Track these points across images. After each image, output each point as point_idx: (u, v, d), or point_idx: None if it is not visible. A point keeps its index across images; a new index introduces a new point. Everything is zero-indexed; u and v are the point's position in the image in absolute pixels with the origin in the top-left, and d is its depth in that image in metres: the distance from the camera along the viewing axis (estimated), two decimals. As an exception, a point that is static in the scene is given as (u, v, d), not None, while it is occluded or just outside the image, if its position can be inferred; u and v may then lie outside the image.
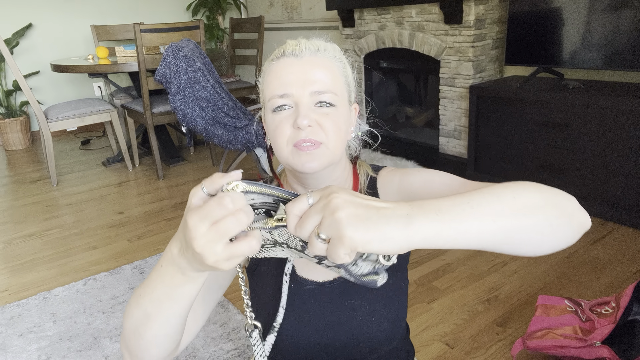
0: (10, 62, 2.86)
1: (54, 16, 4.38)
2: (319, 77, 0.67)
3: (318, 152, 0.67)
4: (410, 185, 0.73)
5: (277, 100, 0.68)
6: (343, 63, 0.73)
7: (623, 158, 2.06)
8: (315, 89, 0.67)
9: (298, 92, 0.67)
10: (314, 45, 0.70)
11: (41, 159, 3.84)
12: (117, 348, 1.56)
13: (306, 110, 0.66)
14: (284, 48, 0.70)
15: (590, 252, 1.93)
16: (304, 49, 0.69)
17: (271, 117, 0.69)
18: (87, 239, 2.37)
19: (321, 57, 0.70)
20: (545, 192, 0.52)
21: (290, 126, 0.67)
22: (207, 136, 2.34)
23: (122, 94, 3.67)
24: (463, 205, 0.46)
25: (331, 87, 0.68)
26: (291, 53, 0.69)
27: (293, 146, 0.67)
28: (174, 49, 2.38)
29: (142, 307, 0.57)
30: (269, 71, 0.71)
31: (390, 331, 0.76)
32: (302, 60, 0.68)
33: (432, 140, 3.16)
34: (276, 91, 0.68)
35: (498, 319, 1.58)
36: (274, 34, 4.75)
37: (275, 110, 0.68)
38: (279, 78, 0.68)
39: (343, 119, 0.70)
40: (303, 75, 0.67)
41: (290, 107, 0.68)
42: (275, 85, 0.68)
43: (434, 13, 2.78)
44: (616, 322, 1.26)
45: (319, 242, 0.43)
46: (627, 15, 2.07)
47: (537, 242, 0.50)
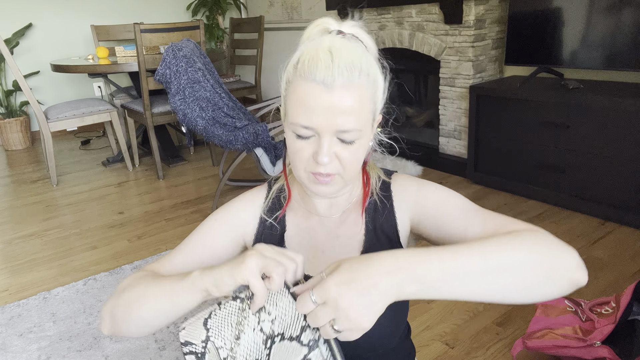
0: (10, 62, 2.86)
1: (54, 16, 4.38)
2: (346, 114, 0.63)
3: (333, 181, 0.69)
4: (426, 200, 0.74)
5: (301, 129, 0.65)
6: (376, 84, 0.67)
7: (623, 158, 2.06)
8: (341, 127, 0.64)
9: (323, 127, 0.64)
10: (348, 67, 0.62)
11: (41, 159, 3.84)
12: (117, 348, 1.56)
13: (328, 145, 0.65)
14: (315, 65, 0.62)
15: (590, 252, 1.93)
16: (337, 76, 0.62)
17: (292, 138, 0.68)
18: (87, 239, 2.37)
19: (354, 86, 0.63)
20: (542, 252, 0.55)
21: (310, 155, 0.67)
22: (207, 136, 2.34)
23: (122, 94, 3.67)
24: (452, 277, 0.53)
25: (357, 124, 0.65)
26: (322, 81, 0.62)
27: (310, 173, 0.68)
28: (174, 49, 2.39)
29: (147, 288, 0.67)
30: (294, 87, 0.65)
31: (391, 330, 0.76)
32: (333, 93, 0.62)
33: (432, 140, 3.16)
34: (300, 120, 0.65)
35: (498, 319, 1.58)
36: (274, 34, 4.76)
37: (298, 136, 0.67)
38: (305, 106, 0.64)
39: (363, 147, 0.69)
40: (331, 112, 0.63)
41: (312, 135, 0.66)
42: (300, 112, 0.64)
43: (434, 13, 2.78)
44: (616, 322, 1.26)
45: (333, 332, 0.53)
46: (627, 15, 2.07)
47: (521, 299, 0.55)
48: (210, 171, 3.30)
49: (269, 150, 2.31)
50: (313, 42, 0.66)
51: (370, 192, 0.79)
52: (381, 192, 0.79)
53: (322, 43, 0.64)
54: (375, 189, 0.79)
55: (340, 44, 0.64)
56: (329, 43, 0.64)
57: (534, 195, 2.43)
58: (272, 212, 0.81)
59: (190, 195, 2.88)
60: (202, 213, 2.59)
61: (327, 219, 0.79)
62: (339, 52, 0.63)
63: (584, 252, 1.94)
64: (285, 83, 0.68)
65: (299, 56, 0.66)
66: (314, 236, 0.79)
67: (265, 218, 0.80)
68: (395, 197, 0.78)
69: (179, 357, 1.49)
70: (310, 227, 0.80)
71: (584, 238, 2.04)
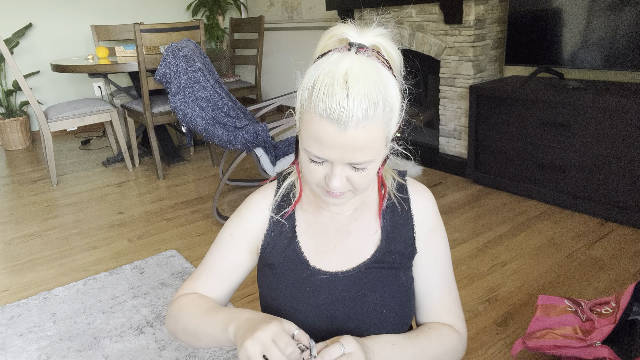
0: (10, 62, 2.86)
1: (54, 16, 4.38)
2: (359, 151, 0.64)
3: (345, 198, 0.72)
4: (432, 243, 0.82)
5: (314, 157, 0.67)
6: (392, 112, 0.65)
7: (623, 158, 2.06)
8: (353, 161, 0.65)
9: (335, 159, 0.65)
10: (363, 103, 0.60)
11: (41, 159, 3.84)
12: (117, 348, 1.56)
13: (340, 174, 0.67)
14: (329, 102, 0.61)
15: (590, 252, 1.93)
16: (350, 117, 0.60)
17: (305, 159, 0.69)
18: (87, 239, 2.37)
19: (369, 121, 0.62)
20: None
21: (322, 176, 0.69)
22: (207, 136, 2.34)
23: (122, 94, 3.67)
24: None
25: (369, 157, 0.65)
26: (337, 120, 0.61)
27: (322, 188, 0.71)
28: (174, 49, 2.38)
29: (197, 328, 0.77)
30: (309, 116, 0.64)
31: (398, 324, 0.77)
32: (347, 132, 0.62)
33: (432, 140, 3.16)
34: (314, 151, 0.65)
35: (498, 319, 1.58)
36: (274, 34, 4.76)
37: (311, 160, 0.68)
38: (319, 141, 0.64)
39: (375, 169, 0.70)
40: (343, 149, 0.63)
41: (325, 161, 0.67)
42: (314, 145, 0.65)
43: (434, 13, 2.78)
44: (616, 322, 1.26)
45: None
46: (627, 15, 2.07)
47: None
48: (210, 171, 3.30)
49: (269, 150, 2.31)
50: (329, 65, 0.62)
51: (387, 193, 0.81)
52: (398, 193, 0.82)
53: (338, 69, 0.61)
54: (392, 191, 0.81)
55: (358, 70, 0.61)
56: (346, 68, 0.61)
57: (534, 195, 2.43)
58: (282, 209, 0.82)
59: (190, 195, 2.88)
60: (202, 213, 2.59)
61: (339, 215, 0.81)
62: (355, 84, 0.60)
63: (584, 252, 1.94)
64: (299, 105, 0.67)
65: (314, 80, 0.63)
66: (325, 232, 0.80)
67: (274, 216, 0.82)
68: (413, 202, 0.82)
69: (178, 357, 1.49)
70: (321, 223, 0.81)
71: (584, 238, 2.04)
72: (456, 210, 2.41)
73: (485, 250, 2.01)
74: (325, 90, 0.61)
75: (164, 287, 1.89)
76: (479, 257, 1.96)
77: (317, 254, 0.79)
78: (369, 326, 0.75)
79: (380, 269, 0.77)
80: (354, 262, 0.78)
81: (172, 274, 1.98)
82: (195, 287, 0.84)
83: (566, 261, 1.88)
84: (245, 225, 0.83)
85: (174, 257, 2.12)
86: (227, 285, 0.84)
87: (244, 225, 0.83)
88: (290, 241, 0.80)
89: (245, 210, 0.84)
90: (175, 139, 4.08)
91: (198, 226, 2.44)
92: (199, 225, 2.45)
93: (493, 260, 1.92)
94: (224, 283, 0.84)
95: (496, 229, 2.18)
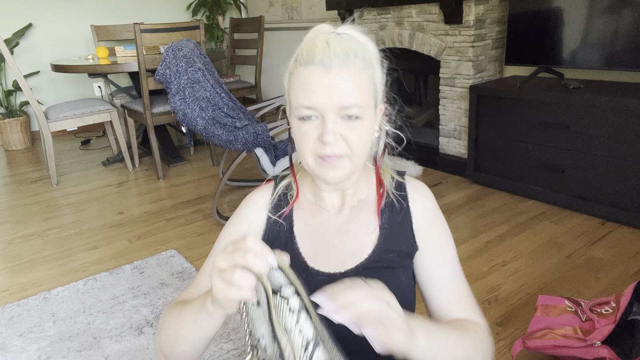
0: (10, 62, 2.86)
1: (54, 16, 4.38)
2: (346, 91, 0.67)
3: (341, 164, 0.70)
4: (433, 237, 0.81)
5: (304, 110, 0.68)
6: (373, 67, 0.71)
7: (623, 158, 2.06)
8: (342, 104, 0.67)
9: (325, 105, 0.67)
10: (344, 50, 0.67)
11: (41, 159, 3.84)
12: (117, 348, 1.56)
13: (332, 125, 0.67)
14: (313, 52, 0.67)
15: (590, 252, 1.93)
16: (333, 57, 0.66)
17: (297, 125, 0.70)
18: (87, 239, 2.37)
19: (351, 67, 0.67)
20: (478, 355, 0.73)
21: (315, 138, 0.69)
22: (207, 136, 2.34)
23: (122, 94, 3.67)
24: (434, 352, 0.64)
25: (358, 100, 0.68)
26: (320, 62, 0.66)
27: (318, 157, 0.69)
28: (174, 49, 2.38)
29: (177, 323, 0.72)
30: (296, 75, 0.69)
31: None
32: (331, 72, 0.66)
33: (432, 140, 3.16)
34: (303, 101, 0.68)
35: (498, 319, 1.58)
36: (274, 34, 4.75)
37: (302, 119, 0.69)
38: (306, 88, 0.67)
39: (368, 130, 0.71)
40: (330, 89, 0.66)
41: (316, 117, 0.68)
42: (302, 95, 0.68)
43: (434, 13, 2.78)
44: (616, 322, 1.26)
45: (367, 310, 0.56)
46: (627, 15, 2.07)
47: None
48: (210, 171, 3.30)
49: (269, 150, 2.31)
50: (309, 36, 0.71)
51: (386, 191, 0.80)
52: (397, 191, 0.81)
53: (318, 37, 0.69)
54: (391, 189, 0.81)
55: (336, 37, 0.69)
56: (325, 37, 0.69)
57: (534, 195, 2.43)
58: (279, 210, 0.82)
59: (190, 195, 2.88)
60: (202, 213, 2.59)
61: (337, 215, 0.80)
62: (334, 41, 0.68)
63: (584, 252, 1.94)
64: (287, 77, 0.72)
65: (298, 51, 0.70)
66: (324, 231, 0.80)
67: (271, 216, 0.81)
68: (411, 199, 0.81)
69: (179, 357, 1.49)
70: (319, 222, 0.81)
71: (584, 238, 2.04)
72: (456, 210, 2.41)
73: (485, 250, 2.01)
74: (308, 49, 0.68)
75: (164, 287, 1.89)
76: (479, 257, 1.96)
77: (315, 255, 0.79)
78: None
79: (379, 269, 0.77)
80: (352, 262, 0.78)
81: (172, 274, 1.98)
82: (192, 292, 0.82)
83: (566, 261, 1.88)
84: (244, 224, 0.83)
85: (174, 257, 2.12)
86: None
87: (243, 224, 0.83)
88: (288, 241, 0.80)
89: (244, 209, 0.84)
90: (175, 139, 4.08)
91: (198, 226, 2.44)
92: (199, 225, 2.45)
93: (493, 260, 1.92)
94: None
95: (496, 229, 2.18)
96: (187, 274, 1.97)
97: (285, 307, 0.57)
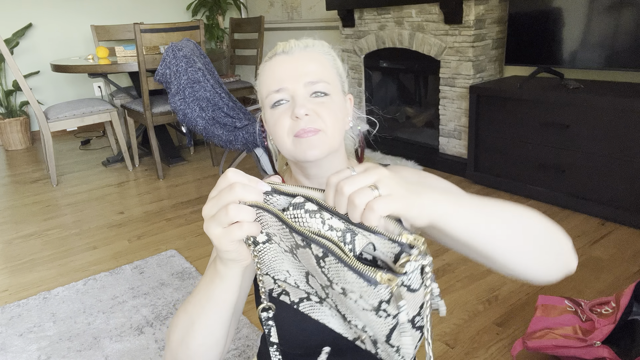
0: (10, 62, 2.86)
1: (54, 16, 4.38)
2: (310, 69, 0.71)
3: (318, 139, 0.70)
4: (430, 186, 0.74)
5: (274, 95, 0.71)
6: (332, 56, 0.77)
7: (623, 158, 2.06)
8: (308, 79, 0.70)
9: (292, 85, 0.70)
10: (302, 42, 0.75)
11: (41, 159, 3.84)
12: (117, 348, 1.56)
13: (302, 100, 0.69)
14: (275, 49, 0.75)
15: (590, 252, 1.93)
16: (293, 46, 0.73)
17: (270, 113, 0.72)
18: (87, 239, 2.37)
19: (310, 51, 0.74)
20: (549, 225, 0.60)
21: (288, 118, 0.70)
22: (207, 136, 2.34)
23: (122, 94, 3.67)
24: (480, 214, 0.54)
25: (323, 77, 0.71)
26: (282, 51, 0.73)
27: (294, 136, 0.70)
28: (174, 49, 2.39)
29: (188, 312, 0.63)
30: (263, 71, 0.75)
31: None
32: (293, 56, 0.72)
33: (432, 140, 3.16)
34: (272, 87, 0.71)
35: (498, 319, 1.58)
36: (274, 34, 4.75)
37: (273, 105, 0.71)
38: (273, 75, 0.72)
39: (339, 107, 0.73)
40: (295, 69, 0.71)
41: (287, 100, 0.71)
42: (270, 82, 0.72)
43: (434, 13, 2.78)
44: (616, 322, 1.26)
45: (369, 192, 0.46)
46: (627, 15, 2.07)
47: (521, 262, 0.56)
48: (210, 171, 3.30)
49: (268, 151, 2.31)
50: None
51: None
52: None
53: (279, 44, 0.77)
54: None
55: (296, 39, 0.76)
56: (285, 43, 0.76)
57: (534, 195, 2.43)
58: None
59: (190, 195, 2.88)
60: (202, 213, 2.59)
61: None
62: (294, 40, 0.75)
63: (584, 252, 1.94)
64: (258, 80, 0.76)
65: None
66: None
67: None
68: None
69: (179, 357, 1.49)
70: None
71: (584, 238, 2.04)
72: (456, 210, 2.41)
73: (485, 250, 2.01)
74: (270, 51, 0.76)
75: (164, 287, 1.89)
76: (479, 257, 1.96)
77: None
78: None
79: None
80: None
81: (172, 274, 1.98)
82: None
83: (566, 261, 1.88)
84: None
85: (174, 257, 2.12)
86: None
87: None
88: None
89: None
90: (175, 139, 4.08)
91: (198, 226, 2.44)
92: (199, 225, 2.45)
93: (493, 260, 1.92)
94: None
95: (496, 229, 2.18)
96: (187, 274, 1.97)
97: (304, 214, 0.50)
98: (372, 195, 0.46)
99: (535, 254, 0.57)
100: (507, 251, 0.55)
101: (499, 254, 0.55)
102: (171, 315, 1.70)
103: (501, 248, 0.55)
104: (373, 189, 0.46)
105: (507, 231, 0.55)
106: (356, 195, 0.46)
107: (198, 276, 1.95)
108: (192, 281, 1.91)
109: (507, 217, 0.56)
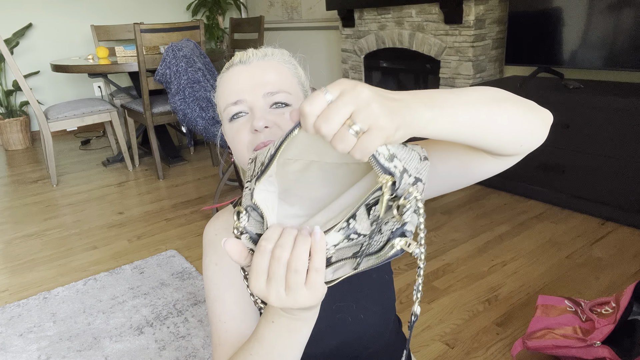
0: (10, 62, 2.86)
1: (54, 16, 4.38)
2: (269, 79, 0.67)
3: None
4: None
5: (232, 108, 0.67)
6: (293, 64, 0.73)
7: (623, 158, 2.06)
8: (267, 90, 0.66)
9: (250, 96, 0.66)
10: (261, 51, 0.71)
11: (41, 159, 3.84)
12: (117, 348, 1.56)
13: (261, 112, 0.66)
14: (232, 60, 0.71)
15: (590, 252, 1.93)
16: (251, 56, 0.70)
17: (229, 127, 0.69)
18: (87, 239, 2.37)
19: (269, 60, 0.70)
20: (511, 94, 0.55)
21: (248, 132, 0.66)
22: (207, 136, 2.34)
23: (122, 94, 3.67)
24: (453, 97, 0.48)
25: (283, 86, 0.68)
26: (239, 61, 0.70)
27: (254, 150, 0.65)
28: (174, 49, 2.39)
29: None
30: (220, 83, 0.71)
31: (380, 326, 0.76)
32: (251, 65, 0.69)
33: (432, 140, 3.16)
34: (229, 99, 0.67)
35: (498, 319, 1.58)
36: (274, 34, 4.75)
37: (232, 119, 0.68)
38: (231, 86, 0.68)
39: None
40: (253, 79, 0.67)
41: (245, 113, 0.67)
42: (228, 93, 0.68)
43: (434, 13, 2.78)
44: (616, 322, 1.26)
45: (352, 135, 0.40)
46: (627, 15, 2.07)
47: (512, 133, 0.52)
48: (210, 171, 3.30)
49: (269, 150, 2.31)
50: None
51: None
52: None
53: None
54: None
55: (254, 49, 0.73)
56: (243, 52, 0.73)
57: (534, 195, 2.43)
58: None
59: (190, 195, 2.88)
60: (202, 213, 2.59)
61: None
62: (252, 49, 0.72)
63: (584, 252, 1.94)
64: (216, 92, 0.73)
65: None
66: None
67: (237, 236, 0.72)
68: None
69: (178, 357, 1.49)
70: None
71: (584, 238, 2.04)
72: (456, 210, 2.41)
73: (485, 250, 2.01)
74: (227, 62, 0.72)
75: (164, 287, 1.89)
76: (479, 257, 1.96)
77: None
78: (350, 335, 0.72)
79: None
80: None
81: (172, 274, 1.98)
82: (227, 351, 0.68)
83: (566, 261, 1.88)
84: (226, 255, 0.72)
85: (174, 257, 2.12)
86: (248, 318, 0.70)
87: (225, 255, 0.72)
88: None
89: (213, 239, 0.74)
90: (175, 139, 4.08)
91: (198, 226, 2.44)
92: (199, 225, 2.45)
93: (493, 260, 1.92)
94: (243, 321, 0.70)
95: (496, 229, 2.18)
96: (187, 274, 1.97)
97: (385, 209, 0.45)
98: (352, 141, 0.40)
99: (518, 123, 0.53)
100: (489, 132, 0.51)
101: (495, 131, 0.51)
102: (171, 315, 1.70)
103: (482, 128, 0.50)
104: (351, 129, 0.40)
105: (488, 107, 0.50)
106: (337, 143, 0.41)
107: (198, 276, 1.95)
108: (191, 281, 1.92)
109: (481, 97, 0.51)
